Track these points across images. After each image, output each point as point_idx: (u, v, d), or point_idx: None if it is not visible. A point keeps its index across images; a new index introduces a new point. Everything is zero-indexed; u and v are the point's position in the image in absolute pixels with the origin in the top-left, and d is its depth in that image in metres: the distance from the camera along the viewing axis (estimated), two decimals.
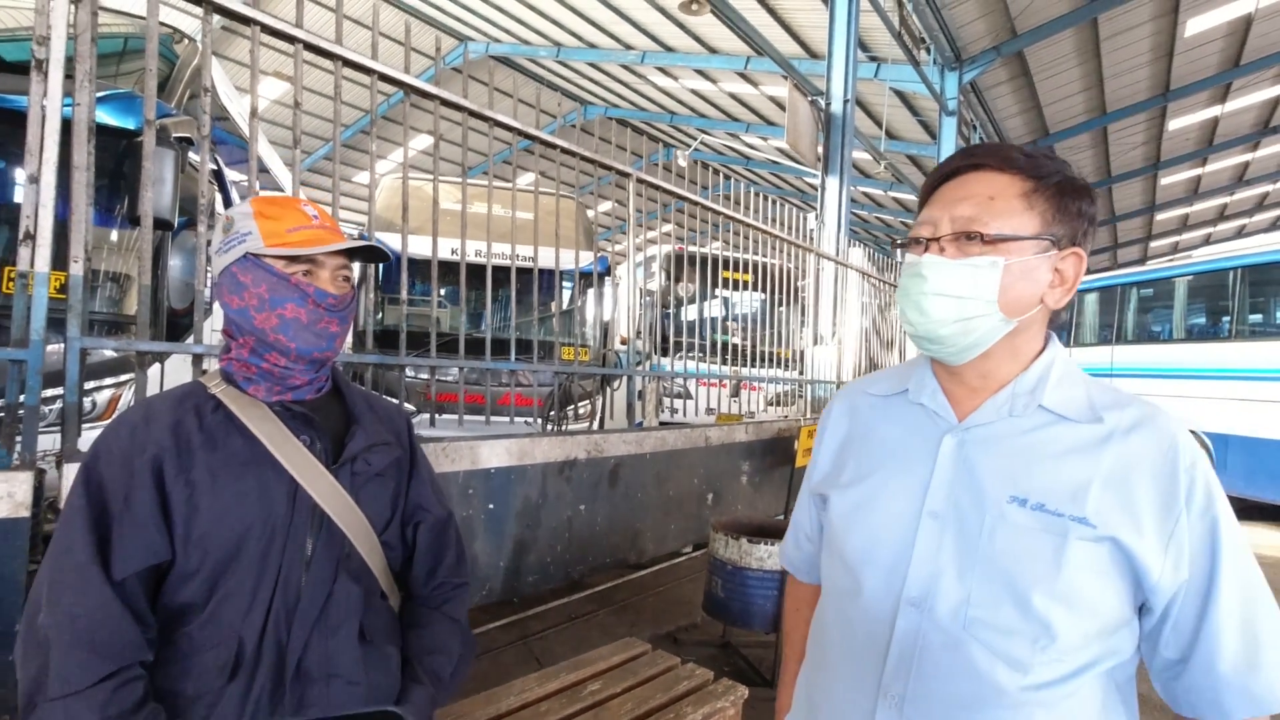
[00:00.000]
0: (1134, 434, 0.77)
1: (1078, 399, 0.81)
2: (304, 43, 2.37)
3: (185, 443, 0.93)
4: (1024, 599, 0.73)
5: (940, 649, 0.77)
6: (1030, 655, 0.73)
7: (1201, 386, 7.42)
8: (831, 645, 0.89)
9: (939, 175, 0.85)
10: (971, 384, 0.85)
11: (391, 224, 5.34)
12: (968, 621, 0.76)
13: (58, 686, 0.81)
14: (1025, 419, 0.81)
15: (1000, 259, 0.78)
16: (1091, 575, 0.73)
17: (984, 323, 0.79)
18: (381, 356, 2.79)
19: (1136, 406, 0.79)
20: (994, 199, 0.79)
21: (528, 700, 1.89)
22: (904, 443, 0.87)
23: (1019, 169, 0.80)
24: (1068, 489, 0.75)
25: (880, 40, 10.68)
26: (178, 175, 2.40)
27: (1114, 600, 0.74)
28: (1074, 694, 0.74)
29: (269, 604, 0.93)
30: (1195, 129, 15.09)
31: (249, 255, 0.96)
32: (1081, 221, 0.81)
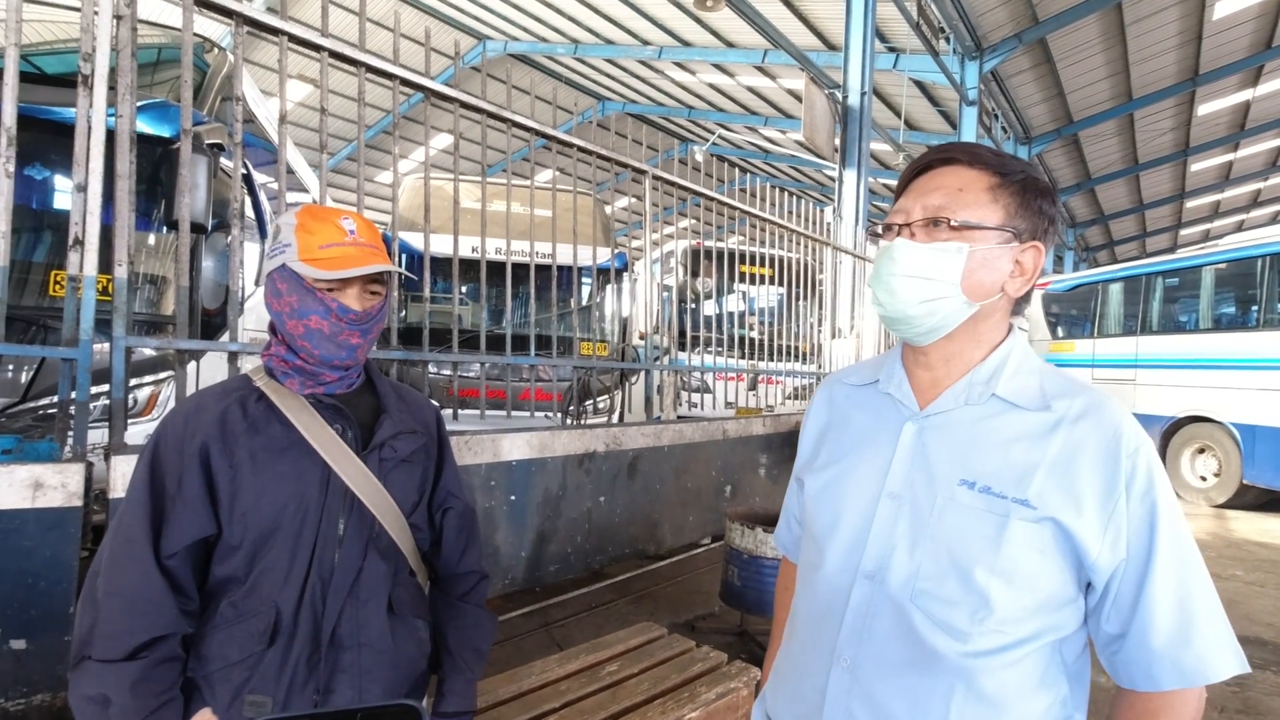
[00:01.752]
0: (1081, 421, 0.81)
1: (1030, 388, 0.85)
2: (330, 50, 2.46)
3: (230, 430, 1.02)
4: (966, 574, 0.79)
5: (889, 617, 0.83)
6: (969, 625, 0.78)
7: (1229, 377, 7.30)
8: (799, 616, 0.97)
9: (913, 169, 0.91)
10: (936, 369, 0.90)
11: (414, 223, 5.45)
12: (915, 593, 0.82)
13: (100, 649, 0.91)
14: (980, 407, 0.86)
15: (965, 245, 0.83)
16: (1031, 553, 0.78)
17: (947, 304, 0.85)
18: (406, 353, 2.89)
19: (1086, 396, 0.84)
20: (962, 190, 0.85)
21: (548, 680, 1.98)
22: (871, 429, 0.94)
23: (987, 165, 0.86)
24: (1014, 473, 0.80)
25: (898, 30, 10.58)
26: (211, 180, 2.50)
27: (1055, 577, 0.79)
28: (1014, 664, 0.79)
29: (304, 577, 1.02)
30: (1226, 113, 14.73)
31: (286, 266, 1.04)
32: (1043, 219, 0.87)
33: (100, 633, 0.92)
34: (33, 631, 1.75)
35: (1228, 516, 7.03)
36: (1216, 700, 2.96)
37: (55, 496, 1.77)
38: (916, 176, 0.90)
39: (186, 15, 2.12)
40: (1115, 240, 26.16)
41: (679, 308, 6.46)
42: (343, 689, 1.02)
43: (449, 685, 1.19)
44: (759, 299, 6.60)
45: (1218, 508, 7.36)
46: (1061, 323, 10.07)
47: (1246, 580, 4.77)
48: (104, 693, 0.90)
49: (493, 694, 1.88)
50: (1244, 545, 5.81)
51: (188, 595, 0.99)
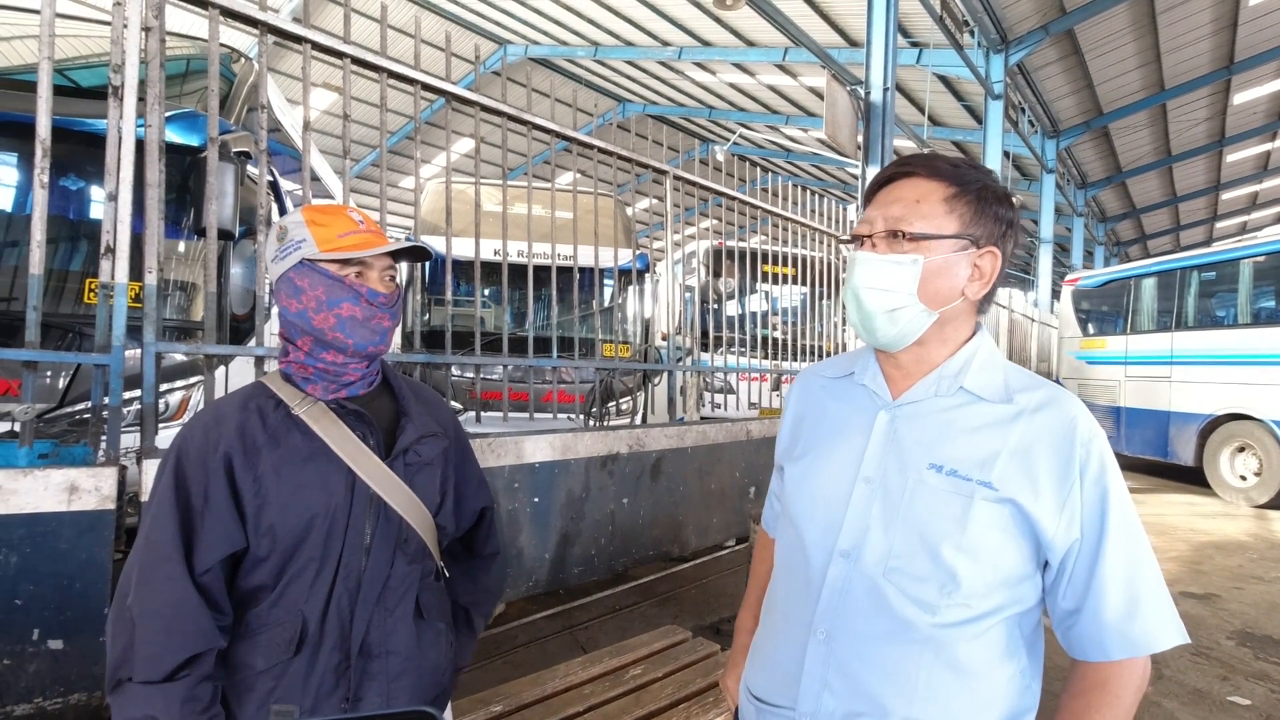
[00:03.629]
0: (1040, 413, 0.88)
1: (995, 382, 0.92)
2: (352, 57, 2.49)
3: (251, 441, 1.02)
4: (935, 550, 0.85)
5: (863, 592, 0.89)
6: (938, 599, 0.85)
7: (1270, 373, 7.08)
8: (777, 593, 1.04)
9: (878, 181, 0.96)
10: (907, 367, 0.96)
11: (436, 227, 5.50)
12: (888, 570, 0.87)
13: (141, 670, 0.90)
14: (949, 398, 0.92)
15: (920, 256, 0.89)
16: (993, 532, 0.84)
17: (907, 314, 0.91)
18: (429, 356, 2.90)
19: (1045, 390, 0.91)
20: (919, 202, 0.90)
21: (572, 683, 1.97)
22: (847, 418, 1.00)
23: (944, 176, 0.91)
24: (978, 458, 0.87)
25: (921, 25, 10.44)
26: (238, 188, 2.54)
27: (1014, 554, 0.86)
28: (979, 636, 0.86)
29: (330, 586, 1.01)
30: (1264, 102, 14.31)
31: (305, 261, 1.04)
32: (999, 224, 0.92)
33: (140, 654, 0.91)
34: (69, 632, 1.79)
35: (1269, 517, 6.82)
36: (1261, 708, 2.87)
37: (90, 500, 1.81)
38: (880, 188, 0.95)
39: (213, 26, 2.15)
40: (1148, 234, 25.58)
41: (701, 308, 6.44)
42: (371, 697, 1.02)
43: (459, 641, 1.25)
44: (782, 299, 6.55)
45: (1258, 508, 7.14)
46: (1092, 319, 9.86)
47: None
48: (152, 715, 0.89)
49: (516, 697, 1.88)
50: None
51: (222, 610, 0.98)
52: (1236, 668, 3.26)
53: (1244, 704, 2.90)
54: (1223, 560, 5.18)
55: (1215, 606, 4.09)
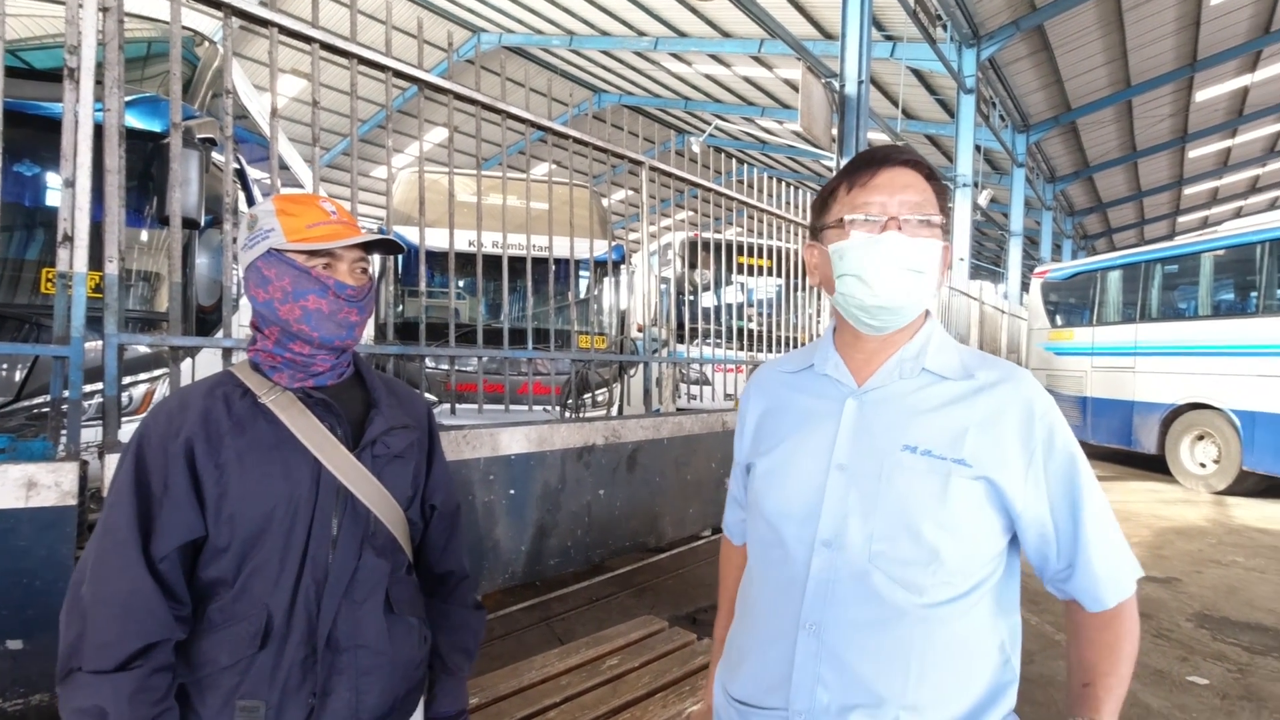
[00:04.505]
0: (999, 387, 0.92)
1: (952, 361, 0.95)
2: (320, 42, 2.43)
3: (215, 429, 0.99)
4: (916, 531, 0.86)
5: (849, 580, 0.89)
6: (924, 579, 0.86)
7: (1228, 364, 7.30)
8: (756, 593, 1.02)
9: (873, 165, 0.94)
10: (872, 351, 0.98)
11: (409, 217, 5.43)
12: (873, 555, 0.88)
13: (90, 659, 0.88)
14: (912, 380, 0.95)
15: (939, 243, 0.93)
16: (970, 508, 0.87)
17: (923, 295, 0.93)
18: (402, 347, 2.87)
19: (999, 366, 0.95)
20: (925, 192, 0.93)
21: (549, 674, 1.97)
22: (813, 409, 1.00)
23: (924, 170, 0.95)
24: (948, 436, 0.89)
25: (895, 19, 10.53)
26: (203, 175, 2.48)
27: (990, 528, 0.89)
28: (964, 613, 0.88)
29: (296, 579, 0.99)
30: (1224, 99, 14.69)
31: (272, 250, 1.01)
32: (949, 221, 0.98)
33: (91, 642, 0.89)
34: (30, 632, 1.74)
35: (1227, 503, 7.04)
36: (1218, 687, 2.96)
37: (49, 496, 1.75)
38: (877, 174, 0.93)
39: (174, 7, 2.09)
40: (1113, 228, 26.14)
41: (677, 300, 6.44)
42: (340, 690, 1.00)
43: (440, 687, 1.19)
44: (757, 290, 6.58)
45: (1217, 494, 7.37)
46: (1060, 311, 10.07)
47: (1247, 566, 4.78)
48: (99, 705, 0.87)
49: (493, 689, 1.87)
50: (1244, 531, 5.82)
51: (180, 599, 0.96)
52: (1195, 649, 3.36)
53: (1202, 683, 3.00)
54: (1183, 545, 5.33)
55: (1176, 590, 4.22)
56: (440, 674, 1.19)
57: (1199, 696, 2.88)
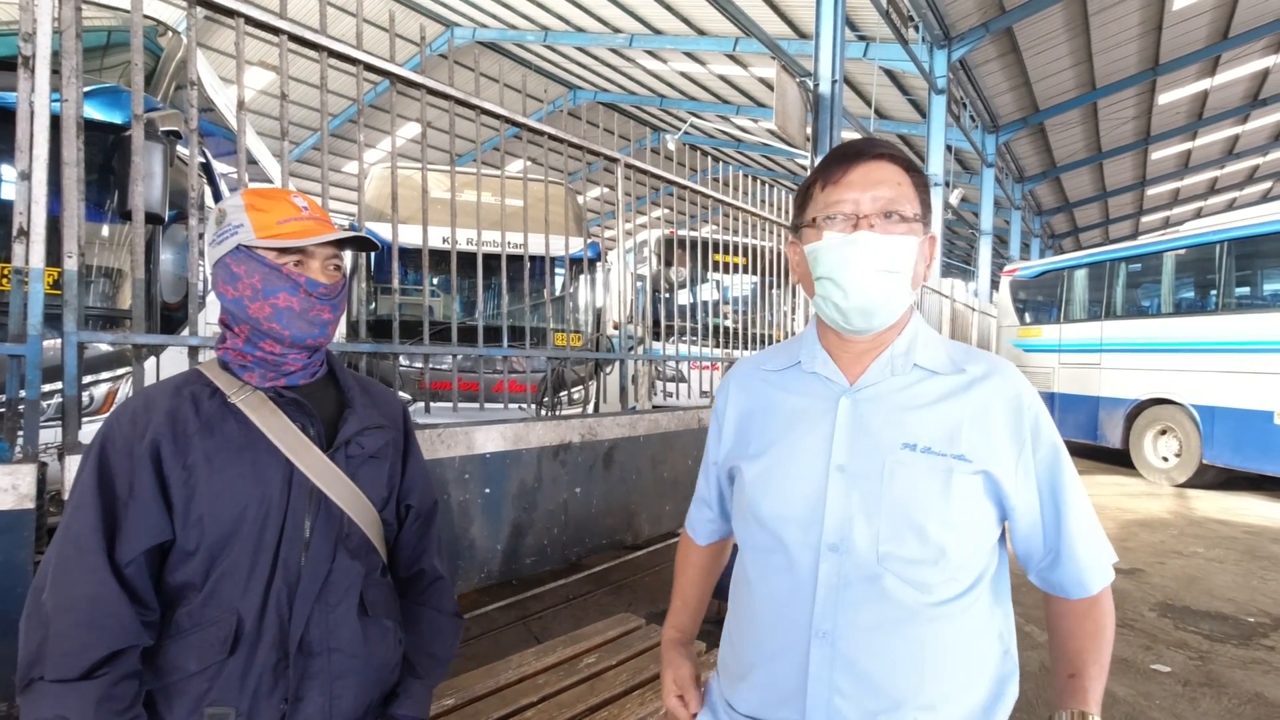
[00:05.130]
0: (988, 379, 0.92)
1: (941, 356, 0.95)
2: (289, 34, 2.38)
3: (182, 429, 0.96)
4: (922, 529, 0.85)
5: (860, 583, 0.86)
6: (932, 577, 0.86)
7: (1189, 360, 7.50)
8: (758, 603, 0.96)
9: (845, 161, 0.91)
10: (861, 348, 0.96)
11: (382, 214, 5.35)
12: (881, 556, 0.86)
13: (53, 668, 0.85)
14: (904, 376, 0.93)
15: (914, 238, 0.90)
16: (971, 502, 0.87)
17: (903, 295, 0.91)
18: (376, 345, 2.83)
19: (986, 359, 0.95)
20: (900, 185, 0.90)
21: (525, 674, 1.95)
22: (804, 409, 0.97)
23: (903, 162, 0.92)
24: (945, 431, 0.88)
25: (868, 19, 10.63)
26: (167, 169, 2.41)
27: (988, 521, 0.90)
28: (968, 609, 0.88)
29: (267, 582, 0.97)
30: (1185, 103, 15.08)
31: (241, 247, 0.99)
32: (930, 213, 0.95)
33: (53, 650, 0.85)
34: None
35: (1188, 495, 7.24)
36: (1180, 674, 3.05)
37: (6, 499, 1.70)
38: (851, 169, 0.90)
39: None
40: (1080, 227, 26.70)
41: (653, 297, 6.44)
42: (313, 696, 0.98)
43: (404, 687, 1.14)
44: (733, 287, 6.61)
45: (1179, 487, 7.57)
46: (1029, 308, 10.26)
47: (1207, 557, 4.92)
48: (63, 714, 0.84)
49: (469, 689, 1.85)
50: (1204, 523, 5.99)
51: (147, 605, 0.93)
52: (1159, 637, 3.45)
53: (1165, 671, 3.08)
54: (1147, 537, 5.47)
55: (1139, 580, 4.32)
56: (408, 677, 1.15)
57: (1162, 684, 2.96)
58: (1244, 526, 5.86)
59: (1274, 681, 2.98)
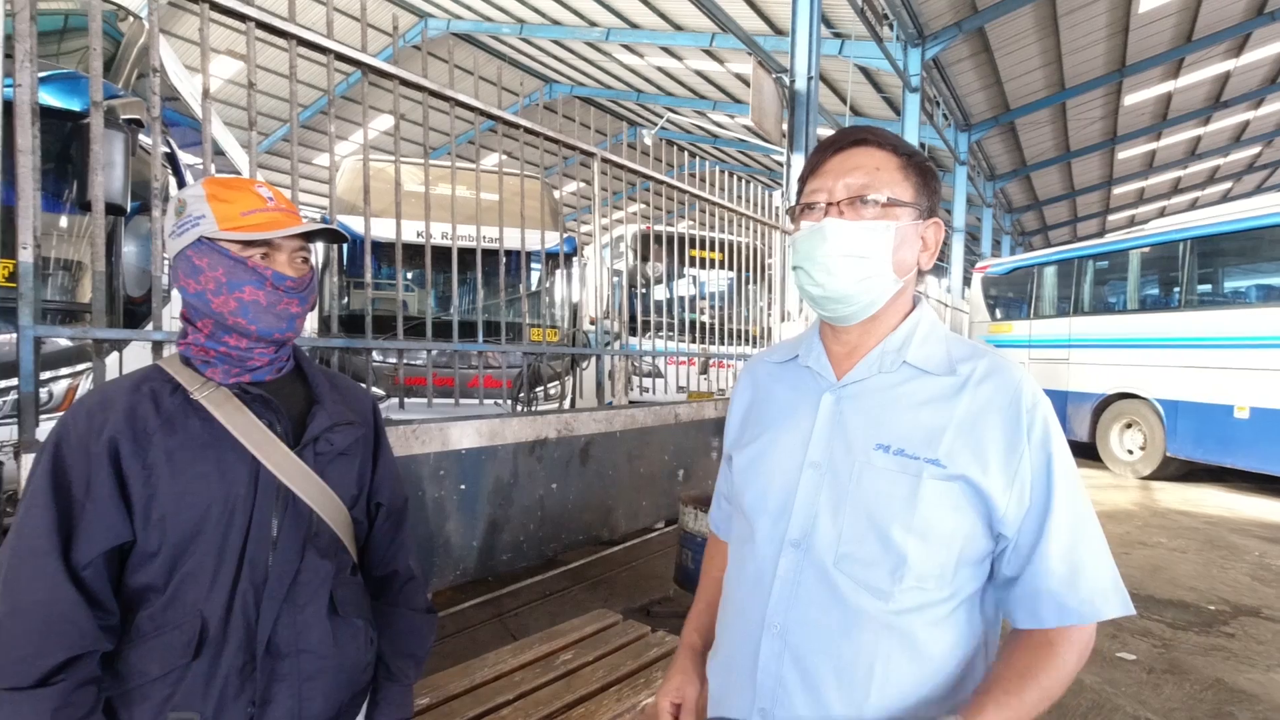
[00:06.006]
0: (985, 382, 0.86)
1: (937, 354, 0.90)
2: (256, 20, 2.32)
3: (142, 427, 0.93)
4: (884, 533, 0.82)
5: (814, 583, 0.86)
6: (889, 584, 0.82)
7: (1153, 355, 7.67)
8: (731, 589, 0.99)
9: (826, 151, 0.91)
10: (854, 343, 0.93)
11: (354, 206, 5.26)
12: (838, 557, 0.84)
13: (7, 675, 0.82)
14: (893, 374, 0.90)
15: (891, 223, 0.86)
16: (944, 511, 0.82)
17: (880, 281, 0.88)
18: (348, 341, 2.78)
19: (988, 359, 0.89)
20: (880, 170, 0.87)
21: (501, 671, 1.94)
22: (792, 402, 0.97)
23: (894, 146, 0.89)
24: (924, 434, 0.84)
25: (844, 17, 10.70)
26: (128, 158, 2.34)
27: (968, 533, 0.83)
28: (937, 621, 0.83)
29: (233, 583, 0.94)
30: (1150, 104, 15.43)
31: (204, 239, 0.96)
32: (937, 197, 0.92)
33: (7, 657, 0.82)
34: None
35: (1153, 487, 7.43)
36: (1145, 661, 3.12)
37: None
38: (832, 157, 0.90)
39: None
40: (1049, 225, 27.22)
41: (629, 292, 6.43)
42: (281, 698, 0.96)
43: (383, 693, 1.13)
44: (709, 283, 6.62)
45: (1144, 479, 7.76)
46: (1000, 305, 10.42)
47: (1170, 547, 5.05)
48: None
49: (444, 689, 1.83)
50: (1168, 514, 6.14)
51: (106, 609, 0.90)
52: (1124, 626, 3.53)
53: (1130, 659, 3.15)
54: (1113, 528, 5.60)
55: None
56: (384, 681, 1.13)
57: (1128, 671, 3.03)
58: (1204, 517, 6.03)
59: (1233, 668, 3.07)
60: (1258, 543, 5.20)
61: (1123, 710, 2.67)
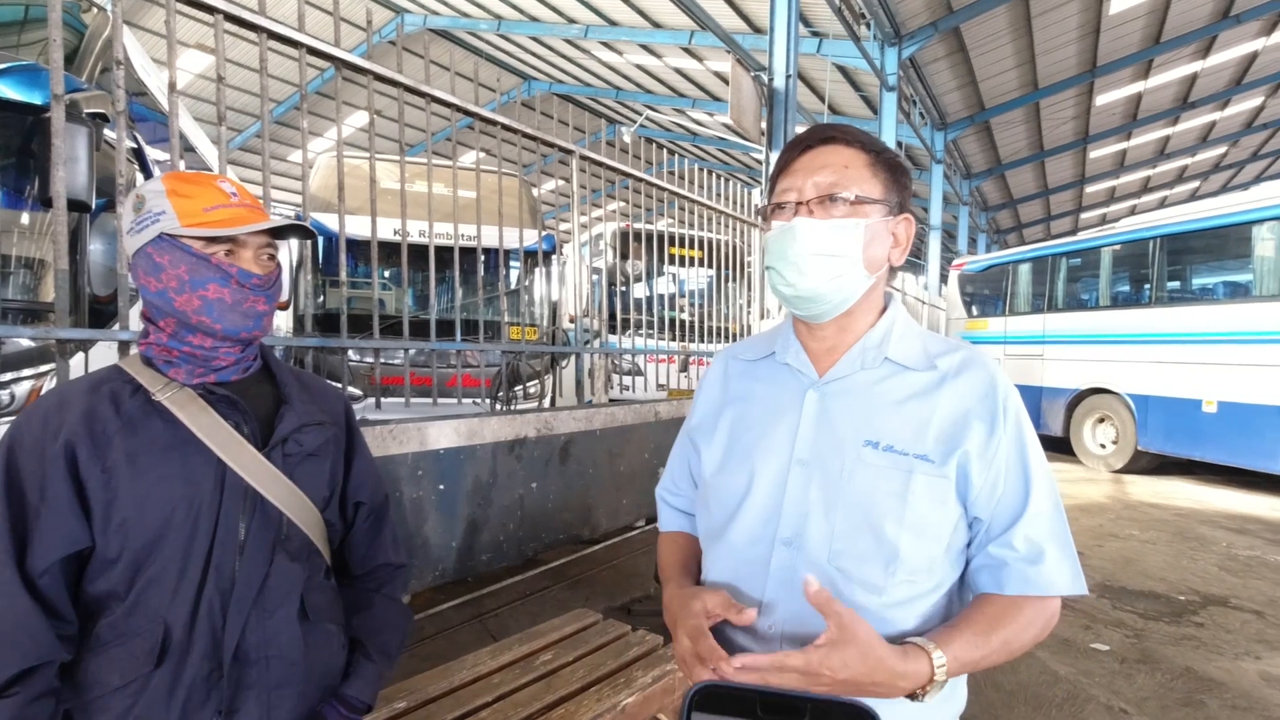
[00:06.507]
0: (962, 375, 0.89)
1: (916, 350, 0.92)
2: (225, 13, 2.27)
3: (100, 429, 0.90)
4: (878, 529, 0.83)
5: None
6: (883, 579, 0.84)
7: (1125, 351, 7.82)
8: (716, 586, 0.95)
9: (794, 150, 0.92)
10: (831, 340, 0.94)
11: (329, 204, 5.19)
12: (832, 554, 0.85)
13: None
14: (875, 371, 0.91)
15: (861, 220, 0.87)
16: (933, 505, 0.84)
17: (852, 279, 0.89)
18: (323, 340, 2.73)
19: (962, 351, 0.92)
20: (848, 167, 0.88)
21: (480, 673, 1.92)
22: (773, 400, 0.96)
23: (862, 144, 0.90)
24: (911, 430, 0.86)
25: (821, 15, 10.75)
26: (92, 154, 2.28)
27: (953, 524, 0.86)
28: (924, 613, 0.86)
29: (198, 589, 0.92)
30: (1120, 104, 15.71)
31: (164, 235, 0.93)
32: (907, 193, 0.93)
33: None
34: None
35: (1124, 481, 7.57)
36: (1118, 652, 3.17)
37: None
38: (799, 156, 0.91)
39: None
40: (1023, 223, 27.63)
41: (609, 290, 6.41)
42: (249, 706, 0.93)
43: (355, 668, 1.09)
44: (689, 281, 6.62)
45: (1115, 473, 7.91)
46: (976, 302, 10.56)
47: (1141, 539, 5.14)
48: None
49: (422, 691, 1.81)
50: (1139, 507, 6.26)
51: (64, 617, 0.87)
52: (1097, 617, 3.59)
53: (1104, 649, 3.21)
54: (1086, 521, 5.69)
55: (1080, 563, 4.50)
56: (359, 657, 1.10)
57: (1101, 662, 3.08)
58: (1174, 509, 6.15)
59: (1203, 656, 3.13)
60: (1225, 534, 5.32)
61: (1097, 700, 2.71)
